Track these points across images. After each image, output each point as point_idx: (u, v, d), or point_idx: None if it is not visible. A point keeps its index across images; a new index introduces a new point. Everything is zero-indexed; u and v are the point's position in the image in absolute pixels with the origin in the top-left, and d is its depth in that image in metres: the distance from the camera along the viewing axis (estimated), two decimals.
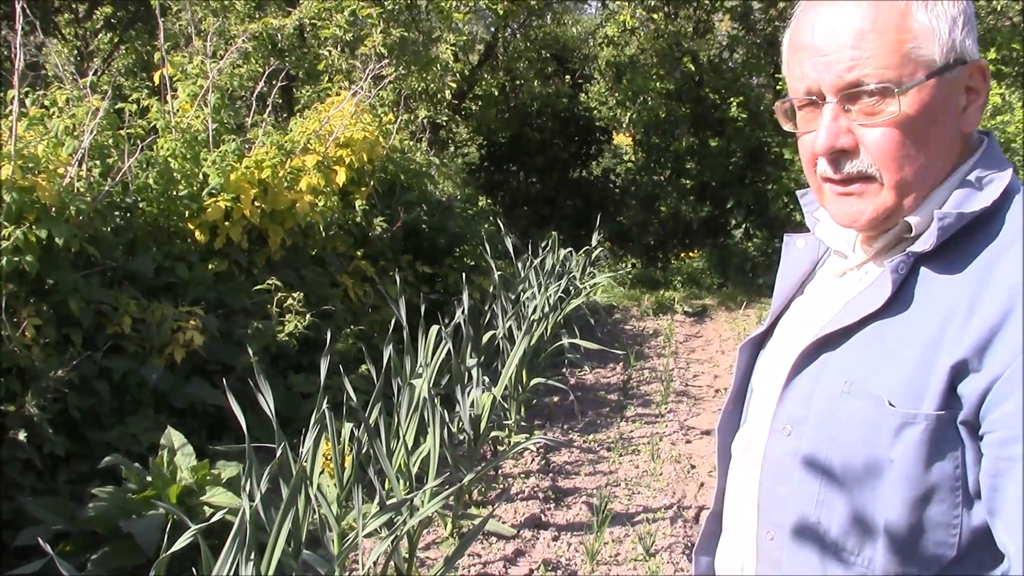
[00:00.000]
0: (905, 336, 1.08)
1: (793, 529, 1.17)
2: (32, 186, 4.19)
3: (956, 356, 1.02)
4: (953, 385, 1.02)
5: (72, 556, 3.64)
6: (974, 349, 1.00)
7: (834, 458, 1.12)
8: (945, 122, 1.09)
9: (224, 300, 5.20)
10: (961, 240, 1.08)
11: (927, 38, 1.07)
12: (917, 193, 1.11)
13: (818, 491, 1.14)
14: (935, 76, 1.07)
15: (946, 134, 1.10)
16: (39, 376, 3.96)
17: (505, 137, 13.01)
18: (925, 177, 1.11)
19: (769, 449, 1.23)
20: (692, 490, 4.99)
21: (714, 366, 7.96)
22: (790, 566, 1.19)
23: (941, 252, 1.09)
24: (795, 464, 1.17)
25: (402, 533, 3.23)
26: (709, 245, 13.19)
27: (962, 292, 1.04)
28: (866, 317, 1.12)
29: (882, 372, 1.08)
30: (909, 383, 1.05)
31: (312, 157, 6.03)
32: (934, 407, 1.03)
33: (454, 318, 4.96)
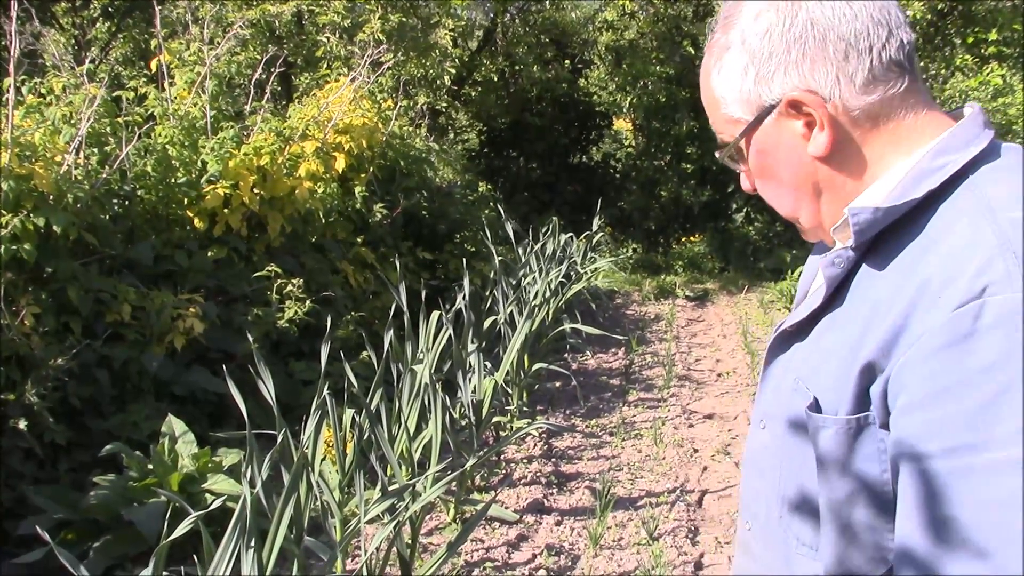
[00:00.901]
0: (837, 335, 1.08)
1: (765, 521, 1.19)
2: (29, 174, 4.17)
3: (867, 357, 1.00)
4: (866, 387, 1.00)
5: (74, 544, 3.64)
6: (881, 349, 0.98)
7: (790, 455, 1.12)
8: (790, 158, 1.12)
9: (224, 287, 5.18)
10: (900, 232, 1.05)
11: (729, 100, 1.14)
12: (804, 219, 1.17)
13: (780, 486, 1.15)
14: (748, 131, 1.14)
15: (799, 167, 1.12)
16: (39, 364, 3.94)
17: (505, 123, 12.96)
18: (797, 208, 1.16)
19: (749, 442, 1.25)
20: (695, 474, 4.98)
21: (716, 350, 7.95)
22: (763, 556, 1.20)
23: (879, 246, 1.07)
24: (766, 457, 1.18)
25: (404, 519, 3.22)
26: (710, 229, 13.16)
27: (885, 290, 1.02)
28: (814, 312, 1.13)
29: (819, 372, 1.08)
30: (834, 384, 1.04)
31: (311, 143, 6.00)
32: (846, 411, 1.02)
33: (455, 304, 4.95)
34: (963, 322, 0.91)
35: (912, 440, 0.94)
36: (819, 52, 1.06)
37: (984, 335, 0.89)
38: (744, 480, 1.27)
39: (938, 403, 0.92)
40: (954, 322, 0.91)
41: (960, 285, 0.93)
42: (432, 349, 4.50)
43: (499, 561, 3.94)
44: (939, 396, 0.91)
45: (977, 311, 0.90)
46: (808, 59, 1.07)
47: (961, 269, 0.94)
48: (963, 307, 0.91)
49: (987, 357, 0.89)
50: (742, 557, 1.27)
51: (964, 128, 1.07)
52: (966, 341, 0.90)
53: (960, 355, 0.90)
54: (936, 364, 0.92)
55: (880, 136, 1.08)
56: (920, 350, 0.94)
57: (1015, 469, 0.86)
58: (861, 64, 1.05)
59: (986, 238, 0.95)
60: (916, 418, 0.94)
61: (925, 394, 0.93)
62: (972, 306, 0.91)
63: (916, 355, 0.94)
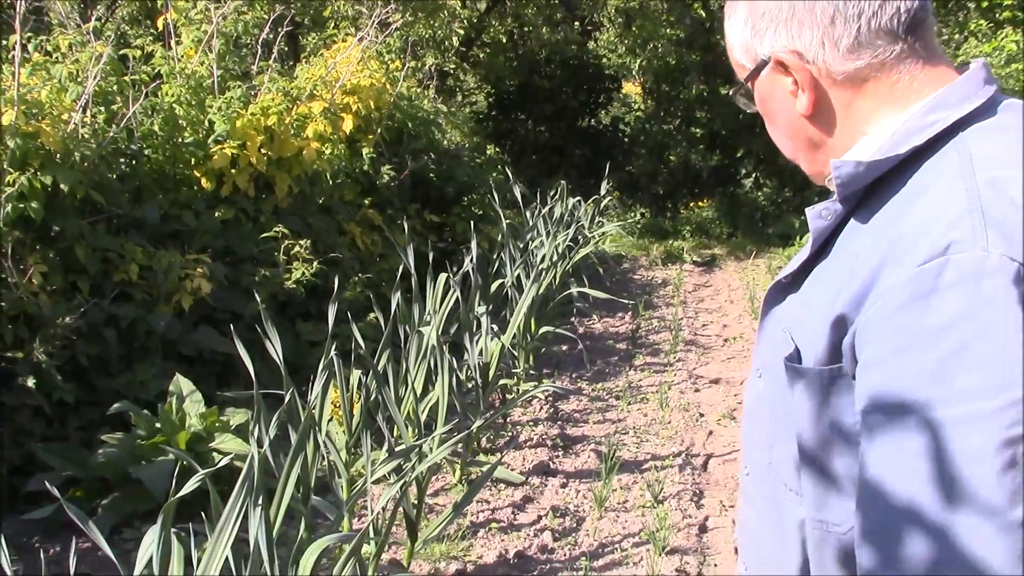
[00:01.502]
0: (820, 288, 1.09)
1: (759, 467, 1.22)
2: (36, 132, 4.16)
3: (840, 310, 1.00)
4: (838, 340, 1.01)
5: (82, 501, 3.67)
6: (852, 304, 0.99)
7: (779, 403, 1.14)
8: (783, 111, 1.16)
9: (231, 248, 5.18)
10: (886, 188, 1.06)
11: (735, 47, 1.18)
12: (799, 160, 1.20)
13: (771, 433, 1.18)
14: (749, 79, 1.18)
15: (791, 120, 1.15)
16: (47, 323, 3.95)
17: (513, 85, 12.86)
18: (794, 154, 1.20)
19: (747, 391, 1.29)
20: (700, 438, 4.99)
21: (723, 315, 7.94)
22: (757, 500, 1.24)
23: (867, 201, 1.08)
24: (760, 406, 1.22)
25: (411, 479, 3.23)
26: (719, 194, 13.09)
27: (863, 245, 1.03)
28: (803, 264, 1.15)
29: (802, 323, 1.09)
30: (812, 336, 1.05)
31: (318, 104, 5.96)
32: (821, 361, 1.04)
33: (462, 267, 4.94)
34: (926, 279, 0.92)
35: (873, 394, 0.96)
36: (807, 15, 1.08)
37: (945, 292, 0.90)
38: (743, 428, 1.30)
39: (898, 358, 0.93)
40: (917, 279, 0.92)
41: (926, 242, 0.94)
42: (439, 311, 4.50)
43: (505, 522, 3.96)
44: (899, 351, 0.93)
45: (940, 269, 0.91)
46: (796, 20, 1.08)
47: (930, 227, 0.95)
48: (927, 264, 0.92)
49: (947, 314, 0.90)
50: (742, 502, 1.31)
51: (960, 85, 1.07)
52: (928, 298, 0.91)
53: (921, 311, 0.91)
54: (898, 320, 0.93)
55: (867, 98, 1.09)
56: (884, 306, 0.95)
57: (973, 426, 0.87)
58: (848, 30, 1.06)
59: (958, 196, 0.96)
60: (877, 372, 0.95)
61: (886, 349, 0.94)
62: (936, 263, 0.92)
63: (879, 310, 0.95)
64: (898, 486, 0.92)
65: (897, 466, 0.92)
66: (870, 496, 0.95)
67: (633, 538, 3.84)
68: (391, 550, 3.61)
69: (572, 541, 3.82)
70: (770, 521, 1.21)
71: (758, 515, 1.25)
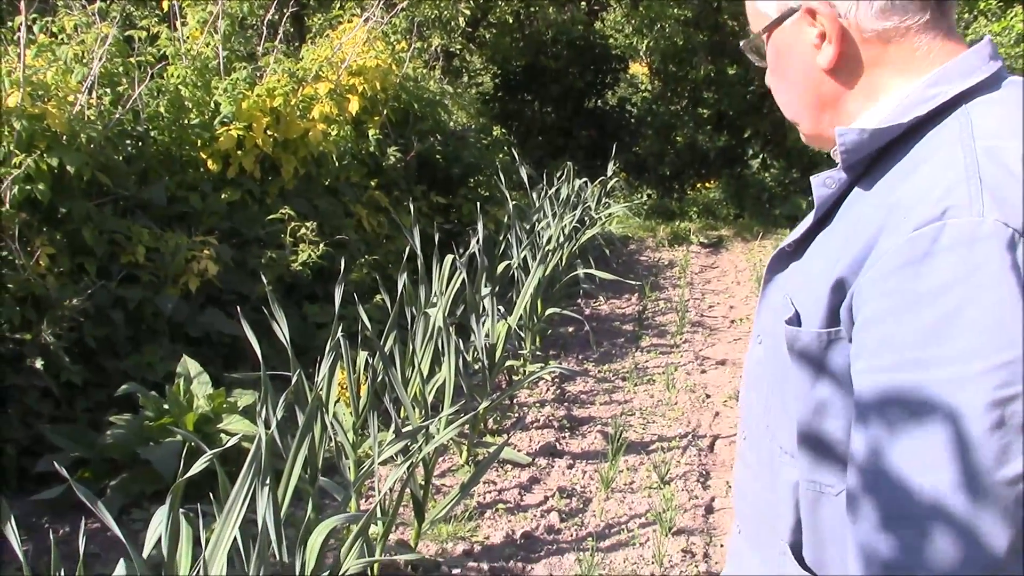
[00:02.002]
0: (822, 254, 1.12)
1: (755, 431, 1.25)
2: (42, 113, 4.16)
3: (839, 274, 1.03)
4: (836, 304, 1.04)
5: (91, 482, 3.69)
6: (851, 268, 1.02)
7: (777, 368, 1.16)
8: (801, 64, 1.15)
9: (237, 230, 5.18)
10: (889, 157, 1.08)
11: None
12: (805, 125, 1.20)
13: (767, 397, 1.21)
14: (770, 28, 1.17)
15: (807, 74, 1.15)
16: (54, 305, 3.96)
17: (520, 66, 12.79)
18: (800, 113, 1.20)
19: (747, 358, 1.31)
20: (707, 419, 5.00)
21: (729, 297, 7.93)
22: (754, 464, 1.27)
23: (872, 169, 1.10)
24: (759, 372, 1.24)
25: (417, 460, 3.24)
26: (726, 175, 13.04)
27: (865, 211, 1.05)
28: (808, 231, 1.17)
29: (803, 288, 1.12)
30: (813, 301, 1.07)
31: (324, 85, 5.95)
32: (817, 325, 1.06)
33: (468, 248, 4.93)
34: (921, 243, 0.94)
35: (866, 354, 0.98)
36: None
37: (940, 256, 0.93)
38: (742, 393, 1.33)
39: (892, 320, 0.95)
40: (913, 242, 0.95)
41: (923, 207, 0.96)
42: (446, 293, 4.50)
43: (511, 503, 3.97)
44: (893, 313, 0.95)
45: (935, 233, 0.93)
46: None
47: (927, 193, 0.97)
48: (923, 228, 0.94)
49: (942, 277, 0.92)
50: (739, 465, 1.34)
51: (965, 59, 1.09)
52: (923, 261, 0.94)
53: (916, 274, 0.94)
54: (893, 282, 0.96)
55: (888, 62, 1.10)
56: (880, 268, 0.97)
57: (961, 387, 0.90)
58: None
59: (956, 164, 0.98)
60: (871, 333, 0.98)
61: (881, 310, 0.97)
62: (931, 228, 0.94)
63: (876, 273, 0.98)
64: (889, 446, 0.94)
65: (889, 427, 0.95)
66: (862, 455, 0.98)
67: (639, 519, 3.85)
68: (398, 530, 3.63)
69: (579, 522, 3.83)
70: (765, 483, 1.23)
71: (754, 477, 1.27)
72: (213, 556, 2.21)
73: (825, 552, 1.13)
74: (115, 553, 3.29)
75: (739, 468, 1.34)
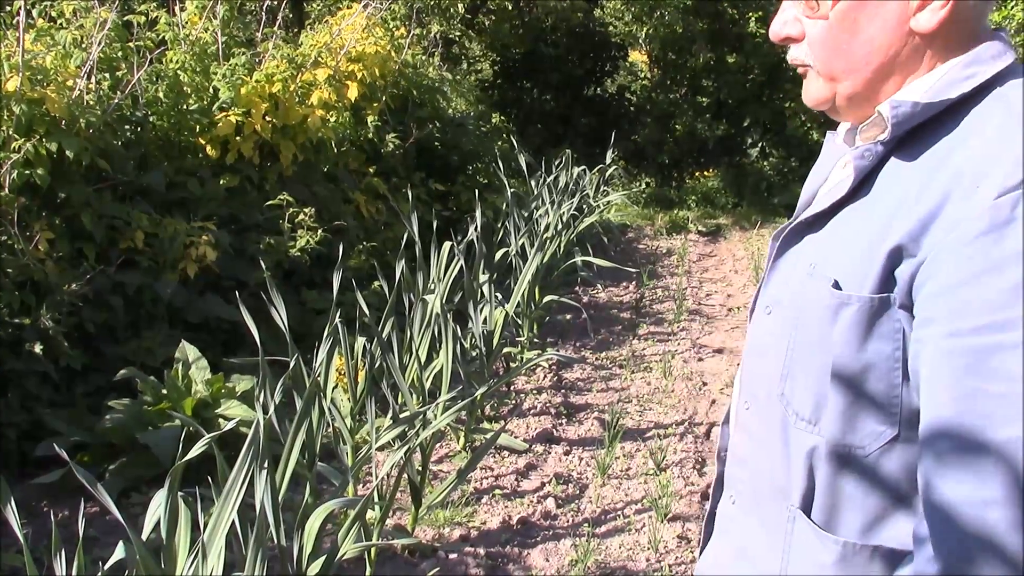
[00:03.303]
0: (862, 222, 1.13)
1: (764, 399, 1.25)
2: (41, 98, 4.16)
3: (895, 241, 1.05)
4: (891, 269, 1.06)
5: (90, 466, 3.70)
6: (911, 235, 1.04)
7: (798, 336, 1.18)
8: (889, 18, 1.13)
9: (236, 216, 5.18)
10: (929, 131, 1.11)
11: None
12: (854, 83, 1.18)
13: (783, 365, 1.21)
14: None
15: (884, 33, 1.14)
16: (53, 290, 3.97)
17: (519, 53, 12.78)
18: (858, 71, 1.17)
19: (753, 327, 1.32)
20: (703, 407, 5.02)
21: (727, 285, 7.94)
22: (758, 432, 1.27)
23: (909, 142, 1.13)
24: (770, 341, 1.25)
25: (415, 446, 3.26)
26: (724, 164, 13.05)
27: (914, 181, 1.08)
28: (836, 203, 1.19)
29: (839, 256, 1.14)
30: (856, 267, 1.10)
31: (323, 71, 5.94)
32: (870, 290, 1.08)
33: (467, 235, 4.94)
34: (1003, 210, 0.97)
35: (945, 319, 1.01)
36: None
37: (1022, 222, 0.96)
38: (745, 364, 1.34)
39: (973, 284, 0.98)
40: (994, 210, 0.98)
41: (997, 176, 0.99)
42: (443, 280, 4.51)
43: (508, 489, 4.00)
44: (975, 278, 0.98)
45: (1016, 200, 0.97)
46: None
47: (997, 163, 1.01)
48: (1003, 196, 0.98)
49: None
50: (739, 435, 1.34)
51: (991, 46, 1.13)
52: (1005, 227, 0.97)
53: (998, 240, 0.97)
54: (974, 248, 0.98)
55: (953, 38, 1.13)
56: (959, 236, 1.00)
57: None
58: None
59: (1019, 135, 1.02)
60: (950, 298, 1.00)
61: (961, 276, 0.99)
62: (1013, 196, 0.97)
63: (954, 240, 1.00)
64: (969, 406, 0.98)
65: (968, 390, 0.98)
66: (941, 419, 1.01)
67: (635, 505, 3.87)
68: (395, 516, 3.65)
69: (575, 508, 3.85)
70: (774, 452, 1.24)
71: (759, 446, 1.28)
72: (211, 539, 2.22)
73: (839, 515, 1.16)
74: (114, 536, 3.30)
75: (738, 437, 1.35)
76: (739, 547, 1.33)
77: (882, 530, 1.13)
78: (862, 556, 1.14)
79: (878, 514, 1.13)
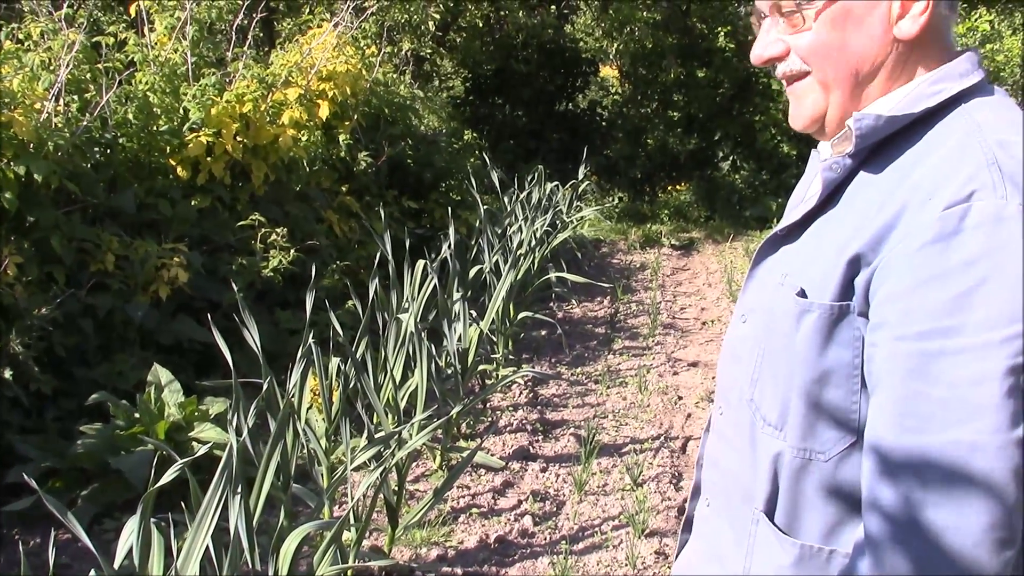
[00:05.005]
0: (830, 233, 1.17)
1: (735, 405, 1.29)
2: (9, 121, 4.12)
3: (854, 250, 1.10)
4: (851, 278, 1.11)
5: (61, 492, 3.66)
6: (869, 244, 1.09)
7: (768, 343, 1.22)
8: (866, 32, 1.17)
9: (208, 236, 5.16)
10: (896, 144, 1.16)
11: None
12: (843, 92, 1.20)
13: (754, 371, 1.25)
14: None
15: (870, 41, 1.17)
16: (23, 314, 3.93)
17: (490, 70, 12.81)
18: (848, 78, 1.19)
19: (729, 334, 1.36)
20: (679, 421, 5.03)
21: (701, 299, 7.98)
22: (730, 436, 1.31)
23: (877, 155, 1.17)
24: (744, 348, 1.29)
25: (391, 466, 3.24)
26: (696, 178, 13.11)
27: (879, 193, 1.13)
28: (807, 215, 1.23)
29: (808, 266, 1.18)
30: (822, 276, 1.14)
31: (294, 90, 5.93)
32: (831, 297, 1.12)
33: (440, 253, 4.94)
34: (950, 221, 1.02)
35: (893, 324, 1.05)
36: None
37: (968, 234, 1.01)
38: (720, 370, 1.38)
39: (920, 291, 1.03)
40: (942, 221, 1.02)
41: (949, 189, 1.04)
42: (417, 298, 4.50)
43: (485, 507, 3.98)
44: (922, 285, 1.03)
45: (963, 213, 1.02)
46: None
47: (951, 176, 1.05)
48: (951, 208, 1.02)
49: (969, 253, 1.00)
50: (714, 440, 1.38)
51: (961, 62, 1.18)
52: (951, 238, 1.01)
53: (945, 250, 1.01)
54: (922, 257, 1.03)
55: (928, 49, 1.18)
56: (908, 244, 1.04)
57: (984, 352, 0.98)
58: None
59: (975, 152, 1.07)
60: (899, 305, 1.05)
61: (909, 283, 1.04)
62: (959, 208, 1.02)
63: (904, 249, 1.05)
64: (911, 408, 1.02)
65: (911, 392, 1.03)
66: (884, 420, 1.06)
67: (613, 521, 3.87)
68: (372, 537, 3.63)
69: (552, 525, 3.85)
70: (743, 455, 1.27)
71: (731, 450, 1.32)
72: (185, 566, 2.20)
73: (801, 519, 1.20)
74: (86, 564, 3.26)
75: (713, 442, 1.39)
76: (710, 548, 1.37)
77: (842, 534, 1.17)
78: (819, 559, 1.18)
79: (839, 518, 1.17)
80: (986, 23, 10.74)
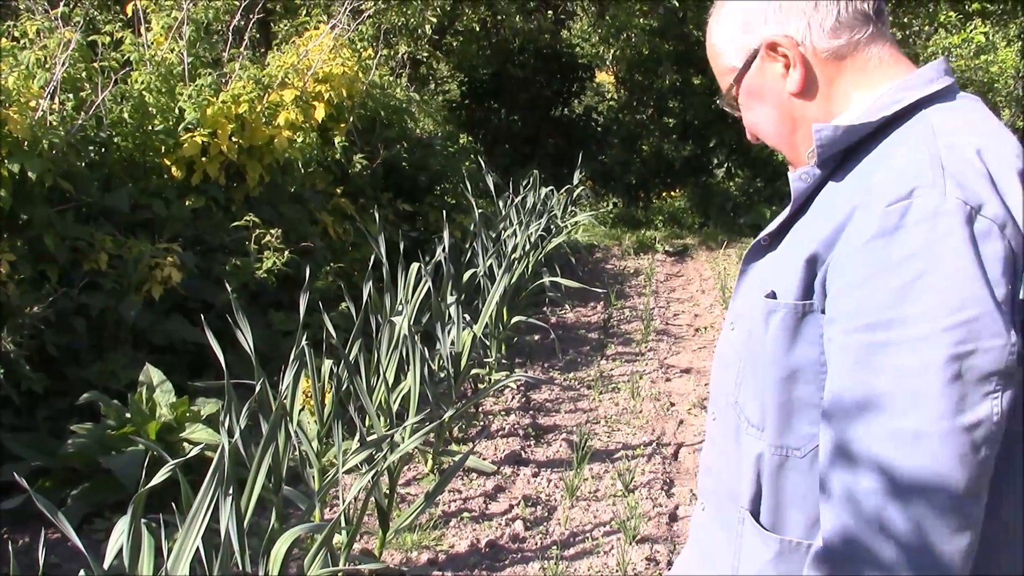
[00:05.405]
0: (800, 239, 1.23)
1: (723, 409, 1.34)
2: (3, 119, 4.11)
3: (812, 251, 1.16)
4: (811, 277, 1.16)
5: (52, 492, 3.65)
6: (824, 244, 1.14)
7: (750, 346, 1.27)
8: (772, 96, 1.29)
9: (202, 237, 5.15)
10: (861, 152, 1.21)
11: (726, 51, 1.33)
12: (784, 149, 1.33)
13: (738, 375, 1.30)
14: (739, 78, 1.31)
15: (780, 103, 1.29)
16: (15, 312, 3.92)
17: (487, 74, 12.81)
18: (784, 132, 1.31)
19: (720, 342, 1.41)
20: (671, 427, 5.03)
21: (694, 305, 7.99)
22: (720, 440, 1.36)
23: (844, 163, 1.23)
24: (731, 353, 1.34)
25: (382, 469, 3.24)
26: (691, 184, 13.12)
27: (841, 198, 1.17)
28: (783, 223, 1.30)
29: (780, 271, 1.23)
30: (789, 278, 1.19)
31: (290, 92, 5.93)
32: (795, 297, 1.17)
33: (434, 256, 4.94)
34: (892, 217, 1.07)
35: (843, 318, 1.10)
36: (792, 3, 1.25)
37: (908, 229, 1.05)
38: (712, 377, 1.42)
39: (864, 285, 1.08)
40: (884, 217, 1.07)
41: (892, 188, 1.09)
42: (411, 301, 4.50)
43: (476, 511, 3.98)
44: (867, 279, 1.07)
45: (904, 209, 1.06)
46: (783, 10, 1.25)
47: (896, 177, 1.10)
48: (893, 205, 1.07)
49: (909, 247, 1.05)
50: (707, 446, 1.43)
51: (925, 71, 1.24)
52: (893, 233, 1.06)
53: (886, 245, 1.06)
54: (866, 252, 1.08)
55: (846, 75, 1.25)
56: (854, 241, 1.10)
57: (926, 342, 1.03)
58: (829, 12, 1.23)
59: (921, 155, 1.11)
60: (847, 299, 1.10)
61: (856, 278, 1.09)
62: (901, 204, 1.07)
63: (850, 245, 1.10)
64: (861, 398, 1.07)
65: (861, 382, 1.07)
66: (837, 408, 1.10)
67: (604, 527, 3.87)
68: (363, 540, 3.62)
69: (543, 530, 3.84)
70: (731, 457, 1.32)
71: (721, 454, 1.36)
72: (175, 566, 2.19)
73: (784, 516, 1.24)
74: (76, 564, 3.25)
75: (707, 448, 1.42)
76: (704, 551, 1.41)
77: None
78: (798, 553, 1.21)
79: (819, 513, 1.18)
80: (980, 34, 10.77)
